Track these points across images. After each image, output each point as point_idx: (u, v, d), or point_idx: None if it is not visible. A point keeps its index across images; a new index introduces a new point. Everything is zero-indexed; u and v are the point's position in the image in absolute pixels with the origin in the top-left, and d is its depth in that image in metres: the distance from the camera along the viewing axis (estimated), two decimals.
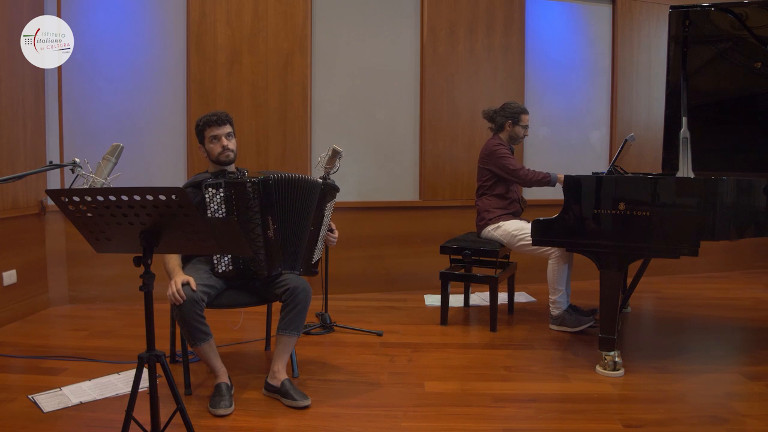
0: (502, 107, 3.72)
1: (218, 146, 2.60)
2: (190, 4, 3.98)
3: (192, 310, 2.30)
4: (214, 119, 2.60)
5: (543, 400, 2.50)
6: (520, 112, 3.68)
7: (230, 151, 2.62)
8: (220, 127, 2.60)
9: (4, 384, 2.60)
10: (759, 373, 2.78)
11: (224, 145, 2.60)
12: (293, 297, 2.48)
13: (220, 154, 2.61)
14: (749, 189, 2.74)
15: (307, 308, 2.53)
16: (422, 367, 2.90)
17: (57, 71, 3.80)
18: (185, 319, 2.32)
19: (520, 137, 3.73)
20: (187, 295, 2.31)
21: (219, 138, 2.60)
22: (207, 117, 2.63)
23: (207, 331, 2.37)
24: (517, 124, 3.67)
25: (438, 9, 4.42)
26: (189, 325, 2.32)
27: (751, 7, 2.94)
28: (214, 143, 2.61)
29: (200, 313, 2.34)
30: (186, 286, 2.33)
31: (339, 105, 4.33)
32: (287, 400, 2.43)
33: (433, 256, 3.89)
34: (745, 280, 4.95)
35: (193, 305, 2.31)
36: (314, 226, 2.69)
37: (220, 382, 2.42)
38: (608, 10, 4.87)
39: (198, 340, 2.35)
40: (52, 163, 2.27)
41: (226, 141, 2.61)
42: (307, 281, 2.56)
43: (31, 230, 3.75)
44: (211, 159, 2.64)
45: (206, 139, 2.62)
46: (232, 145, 2.63)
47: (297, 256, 2.63)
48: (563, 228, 2.80)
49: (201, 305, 2.34)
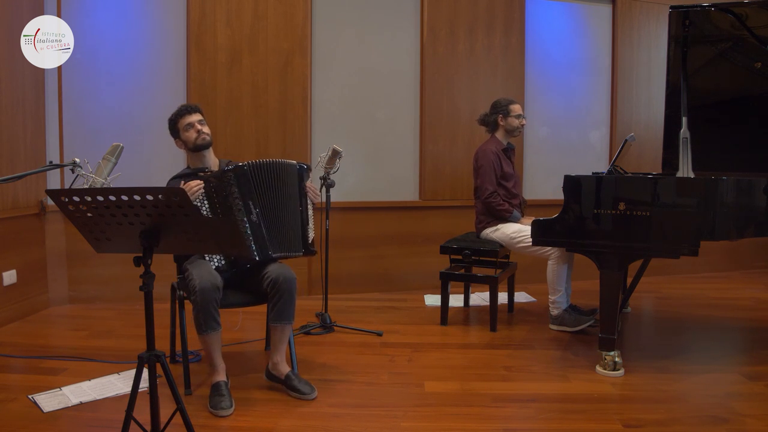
0: (490, 107, 3.73)
1: (193, 132, 2.66)
2: (190, 4, 3.98)
3: (212, 296, 2.36)
4: (185, 108, 2.70)
5: (543, 400, 2.50)
6: (507, 104, 3.67)
7: (206, 135, 2.68)
8: (191, 115, 2.68)
9: (4, 384, 2.60)
10: (759, 373, 2.78)
11: (198, 130, 2.66)
12: (276, 287, 2.51)
13: (196, 139, 2.66)
14: (749, 189, 2.74)
15: (294, 295, 2.54)
16: (422, 367, 2.90)
17: (57, 71, 3.79)
18: (205, 304, 2.35)
19: (517, 127, 3.68)
20: (212, 281, 2.36)
21: (192, 125, 2.66)
22: (177, 110, 2.72)
23: (219, 321, 2.41)
24: (508, 116, 3.65)
25: (438, 9, 4.42)
26: (205, 311, 2.35)
27: (751, 7, 2.94)
28: (189, 131, 2.66)
29: (218, 300, 2.39)
30: (205, 272, 2.40)
31: (339, 105, 4.33)
32: (295, 393, 2.46)
33: (433, 256, 3.89)
34: (745, 280, 4.95)
35: (214, 291, 2.36)
36: (302, 206, 2.73)
37: (219, 381, 2.43)
38: (608, 10, 4.87)
39: (209, 327, 2.38)
40: (52, 163, 2.27)
41: (199, 126, 2.67)
42: (290, 268, 2.58)
43: (31, 230, 3.75)
44: (189, 148, 2.70)
45: (181, 129, 2.68)
46: (206, 130, 2.69)
47: (291, 238, 2.66)
48: (563, 228, 2.80)
49: (219, 294, 2.39)
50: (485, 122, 3.75)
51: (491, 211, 3.59)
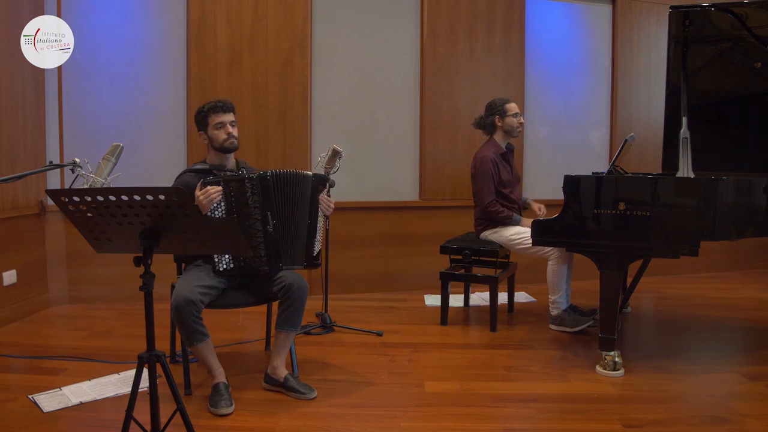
0: (486, 109, 3.68)
1: (223, 133, 2.58)
2: (190, 4, 3.98)
3: (189, 311, 2.31)
4: (220, 105, 2.59)
5: (543, 400, 2.50)
6: (502, 104, 3.62)
7: (235, 138, 2.60)
8: (226, 114, 2.59)
9: (4, 384, 2.60)
10: (759, 373, 2.78)
11: (229, 132, 2.58)
12: (289, 294, 2.48)
13: (224, 141, 2.58)
14: (749, 189, 2.74)
15: (304, 304, 2.53)
16: (422, 367, 2.90)
17: (57, 71, 3.79)
18: (182, 320, 2.32)
19: (516, 127, 3.62)
20: (185, 296, 2.30)
21: (224, 125, 2.58)
22: (212, 103, 2.61)
23: (204, 331, 2.38)
24: (505, 116, 3.60)
25: (438, 9, 4.42)
26: (186, 326, 2.33)
27: (751, 7, 2.94)
28: (218, 129, 2.58)
29: (197, 314, 2.34)
30: (183, 286, 2.34)
31: (339, 105, 4.33)
32: (293, 393, 2.46)
33: (433, 256, 3.89)
34: (745, 280, 4.95)
35: (190, 306, 2.31)
36: (311, 219, 2.67)
37: (218, 382, 2.42)
38: (608, 10, 4.87)
39: (195, 340, 2.35)
40: (52, 163, 2.27)
41: (231, 128, 2.59)
42: (303, 277, 2.56)
43: (31, 230, 3.75)
44: (214, 146, 2.62)
45: (210, 125, 2.59)
46: (236, 133, 2.61)
47: (298, 250, 2.62)
48: (563, 228, 2.80)
49: (199, 306, 2.34)
50: (482, 125, 3.70)
51: (492, 218, 3.58)
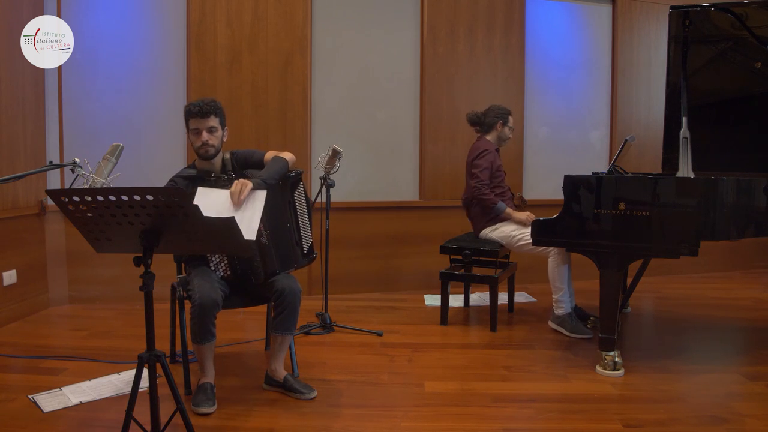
0: (490, 109, 3.76)
1: (198, 140, 2.46)
2: (190, 5, 3.98)
3: (212, 312, 2.34)
4: (196, 111, 2.44)
5: (543, 400, 2.49)
6: (508, 113, 3.76)
7: (210, 146, 2.47)
8: (203, 119, 2.44)
9: (4, 384, 2.60)
10: (759, 373, 2.78)
11: (204, 141, 2.45)
12: (282, 299, 2.47)
13: (199, 148, 2.48)
14: (749, 189, 2.73)
15: (298, 308, 2.51)
16: (422, 367, 2.90)
17: (57, 71, 3.79)
18: (203, 319, 2.33)
19: (508, 137, 3.80)
20: (211, 296, 2.32)
21: (199, 132, 2.45)
22: (190, 106, 2.48)
23: (214, 332, 2.40)
24: (506, 125, 3.75)
25: (438, 9, 4.42)
26: (203, 325, 2.34)
27: (751, 7, 2.94)
28: (194, 135, 2.47)
29: (215, 315, 2.37)
30: (207, 285, 2.35)
31: (339, 105, 4.33)
32: (293, 393, 2.46)
33: (433, 256, 3.89)
34: (745, 280, 4.95)
35: (214, 307, 2.34)
36: (293, 219, 2.62)
37: (205, 382, 2.43)
38: (608, 10, 4.87)
39: (205, 339, 2.37)
40: (52, 163, 2.27)
41: (206, 136, 2.45)
42: (296, 280, 2.54)
43: (31, 230, 3.74)
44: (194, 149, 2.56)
45: (188, 129, 2.50)
46: (213, 140, 2.47)
47: (291, 254, 2.61)
48: (563, 228, 2.80)
49: (219, 307, 2.37)
50: (479, 122, 3.77)
51: (481, 203, 3.62)
